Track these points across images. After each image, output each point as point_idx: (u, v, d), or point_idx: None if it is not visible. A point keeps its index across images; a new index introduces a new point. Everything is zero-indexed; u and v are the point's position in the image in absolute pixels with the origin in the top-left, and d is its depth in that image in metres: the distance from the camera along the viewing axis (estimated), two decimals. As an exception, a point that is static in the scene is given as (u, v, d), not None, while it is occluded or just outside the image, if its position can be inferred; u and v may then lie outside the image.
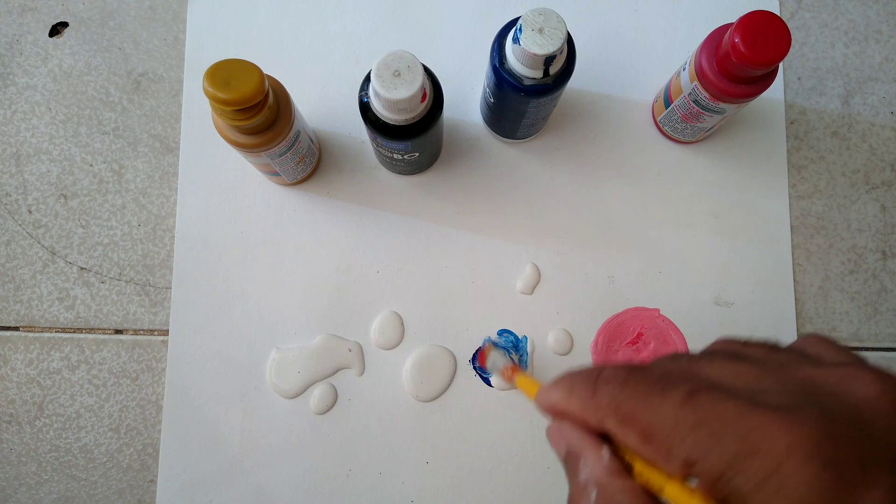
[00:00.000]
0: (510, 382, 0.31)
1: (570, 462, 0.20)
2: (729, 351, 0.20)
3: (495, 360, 0.38)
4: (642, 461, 0.18)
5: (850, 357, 0.19)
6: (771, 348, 0.20)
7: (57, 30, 0.47)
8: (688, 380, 0.18)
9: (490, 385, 0.44)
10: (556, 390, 0.21)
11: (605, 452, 0.19)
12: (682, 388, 0.18)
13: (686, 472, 0.17)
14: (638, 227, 0.45)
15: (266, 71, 0.34)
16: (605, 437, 0.20)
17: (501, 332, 0.44)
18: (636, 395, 0.18)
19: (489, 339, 0.44)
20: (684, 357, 0.20)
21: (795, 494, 0.15)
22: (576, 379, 0.20)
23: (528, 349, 0.44)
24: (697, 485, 0.17)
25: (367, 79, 0.36)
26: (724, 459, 0.16)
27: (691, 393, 0.17)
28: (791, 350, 0.20)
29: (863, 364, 0.18)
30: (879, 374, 0.17)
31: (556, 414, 0.21)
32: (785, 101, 0.47)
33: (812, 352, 0.20)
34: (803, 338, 0.21)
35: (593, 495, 0.19)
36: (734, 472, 0.16)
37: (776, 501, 0.15)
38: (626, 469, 0.19)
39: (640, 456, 0.18)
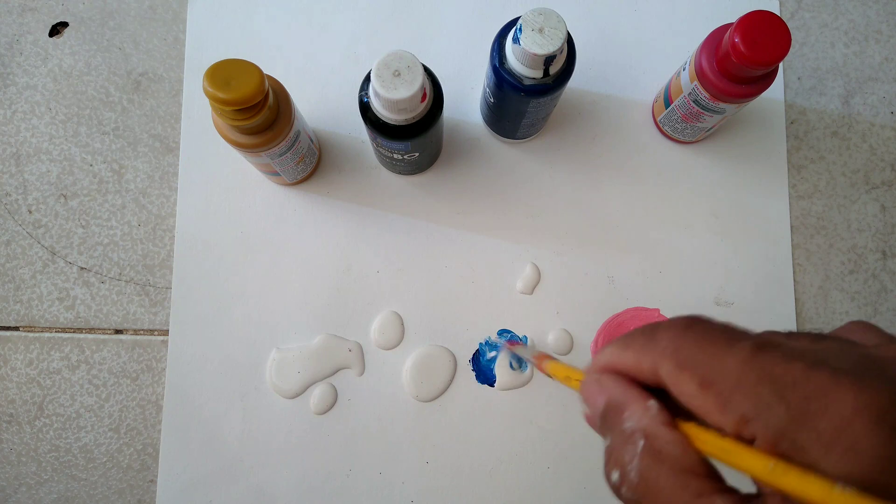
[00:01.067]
0: (541, 370, 0.31)
1: (611, 414, 0.20)
2: (771, 341, 0.20)
3: (522, 353, 0.39)
4: (694, 415, 0.18)
5: (892, 340, 0.19)
6: (815, 336, 0.20)
7: (57, 30, 0.47)
8: (753, 336, 0.18)
9: (491, 385, 0.44)
10: (613, 346, 0.20)
11: (652, 403, 0.19)
12: (748, 341, 0.17)
13: (740, 429, 0.16)
14: (638, 227, 0.45)
15: (266, 71, 0.34)
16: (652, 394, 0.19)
17: (501, 333, 0.44)
18: (700, 342, 0.18)
19: (484, 349, 0.44)
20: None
21: (866, 456, 0.15)
22: (634, 332, 0.20)
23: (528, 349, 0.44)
24: (756, 444, 0.16)
25: (367, 79, 0.36)
26: (789, 417, 0.16)
27: (758, 347, 0.17)
28: (837, 336, 0.20)
29: None
30: None
31: (608, 369, 0.20)
32: (785, 101, 0.47)
33: (858, 337, 0.20)
34: (846, 325, 0.21)
35: (640, 444, 0.18)
36: (798, 430, 0.15)
37: (846, 461, 0.15)
38: (674, 422, 0.18)
39: (693, 406, 0.17)
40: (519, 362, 0.44)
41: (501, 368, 0.43)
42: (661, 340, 0.19)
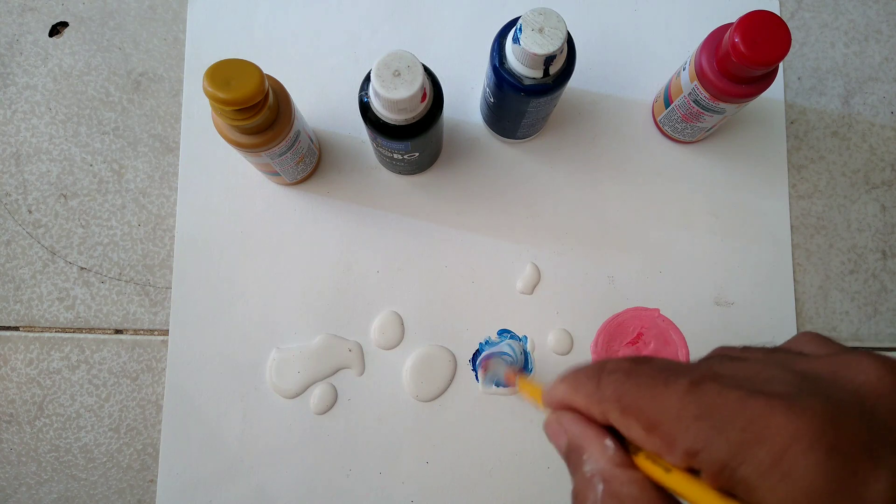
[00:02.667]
0: (513, 387, 0.31)
1: (573, 455, 0.20)
2: (727, 355, 0.20)
3: (495, 369, 0.38)
4: (646, 453, 0.18)
5: (845, 348, 0.19)
6: (768, 350, 0.20)
7: (57, 30, 0.47)
8: (691, 371, 0.18)
9: (496, 386, 0.44)
10: (562, 386, 0.21)
11: (609, 443, 0.19)
12: (685, 377, 0.18)
13: (689, 463, 0.17)
14: (638, 227, 0.45)
15: (266, 71, 0.34)
16: (608, 431, 0.20)
17: (501, 332, 0.44)
18: (640, 386, 0.18)
19: (484, 350, 0.44)
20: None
21: (802, 481, 0.15)
22: (580, 373, 0.20)
23: (528, 349, 0.44)
24: (702, 476, 0.17)
25: (367, 79, 0.36)
26: (728, 449, 0.16)
27: (694, 383, 0.17)
28: (787, 349, 0.20)
29: (859, 352, 0.18)
30: (877, 358, 0.17)
31: (562, 409, 0.21)
32: (785, 101, 0.47)
33: (808, 349, 0.20)
34: (797, 336, 0.21)
35: (600, 488, 0.18)
36: (739, 461, 0.16)
37: (782, 488, 0.15)
38: (630, 462, 0.19)
39: (644, 447, 0.18)
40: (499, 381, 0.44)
41: (487, 384, 0.43)
42: (606, 388, 0.19)
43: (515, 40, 0.34)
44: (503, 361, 0.43)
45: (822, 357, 0.18)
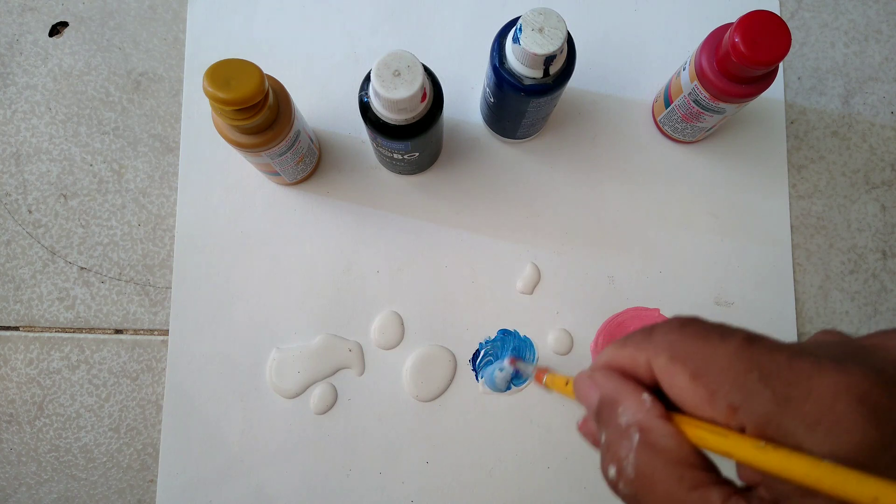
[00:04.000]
0: (541, 385, 0.31)
1: (605, 410, 0.20)
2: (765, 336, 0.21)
3: (524, 368, 0.40)
4: (686, 410, 0.18)
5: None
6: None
7: (57, 30, 0.47)
8: (740, 329, 0.18)
9: (493, 388, 0.44)
10: (612, 345, 0.21)
11: (646, 396, 0.19)
12: (739, 334, 0.18)
13: (729, 418, 0.17)
14: (638, 227, 0.45)
15: (266, 71, 0.34)
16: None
17: (503, 332, 0.44)
18: (693, 337, 0.18)
19: (483, 349, 0.44)
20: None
21: (850, 434, 0.15)
22: (634, 332, 0.21)
23: (532, 358, 0.44)
24: (746, 432, 0.17)
25: (367, 79, 0.36)
26: (774, 401, 0.16)
27: (748, 339, 0.18)
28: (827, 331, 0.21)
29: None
30: None
31: (607, 367, 0.21)
32: (785, 100, 0.47)
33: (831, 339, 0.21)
34: (815, 335, 0.21)
35: (636, 438, 0.18)
36: (784, 414, 0.16)
37: (830, 440, 0.15)
38: (669, 416, 0.19)
39: (685, 398, 0.18)
40: (518, 378, 0.44)
41: (500, 380, 0.43)
42: (656, 336, 0.19)
43: (515, 40, 0.34)
44: (528, 361, 0.44)
45: (864, 336, 0.19)
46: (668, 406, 0.19)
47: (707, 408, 0.17)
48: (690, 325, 0.19)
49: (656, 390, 0.19)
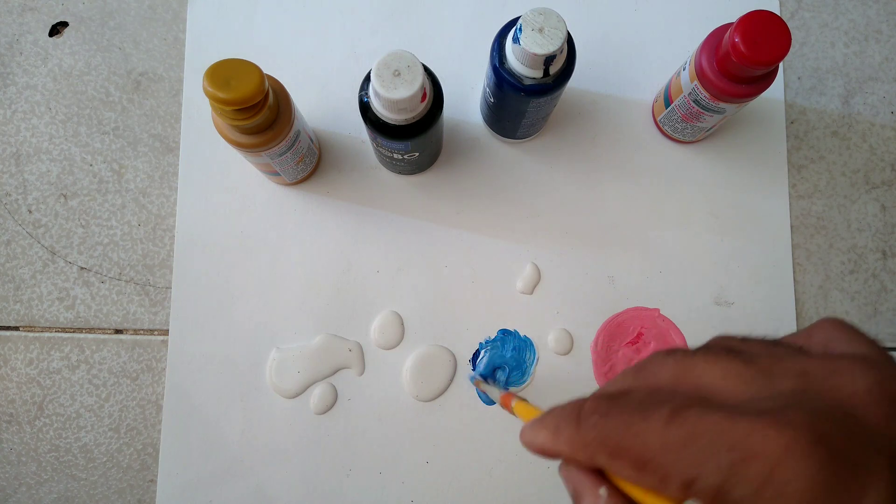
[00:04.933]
0: (508, 410, 0.31)
1: (575, 501, 0.20)
2: (725, 346, 0.20)
3: (490, 391, 0.38)
4: (643, 491, 0.18)
5: (857, 345, 0.19)
6: (768, 343, 0.20)
7: (57, 30, 0.47)
8: (669, 399, 0.18)
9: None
10: (543, 432, 0.20)
11: (602, 492, 0.18)
12: (664, 407, 0.17)
13: (686, 494, 0.16)
14: (638, 227, 0.45)
15: (266, 71, 0.34)
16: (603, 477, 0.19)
17: (503, 332, 0.44)
18: (620, 425, 0.18)
19: (474, 376, 0.44)
20: (679, 352, 0.20)
21: (797, 494, 0.15)
22: (559, 417, 0.20)
23: (534, 350, 0.44)
24: None
25: (367, 78, 0.36)
26: (720, 472, 0.15)
27: (674, 411, 0.17)
28: (788, 343, 0.20)
29: (854, 358, 0.18)
30: (871, 366, 0.17)
31: (547, 455, 0.21)
32: (785, 100, 0.47)
33: (821, 338, 0.19)
34: (818, 322, 0.20)
35: None
36: (732, 483, 0.15)
37: None
38: (629, 502, 0.18)
39: (639, 486, 0.18)
40: (487, 399, 0.43)
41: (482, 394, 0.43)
42: (587, 432, 0.19)
43: (515, 40, 0.34)
44: (497, 384, 0.43)
45: (817, 358, 0.18)
46: None
47: (664, 491, 0.17)
48: (613, 410, 0.18)
49: None
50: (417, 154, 0.40)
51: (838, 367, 0.17)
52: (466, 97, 0.46)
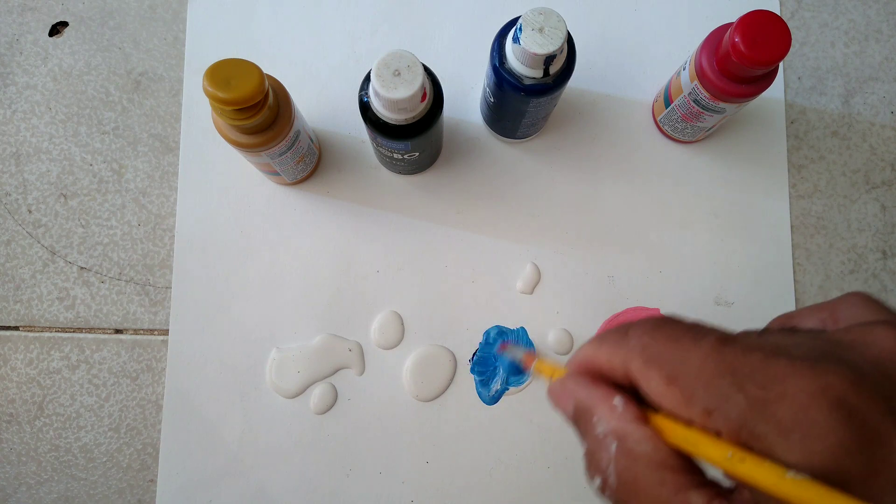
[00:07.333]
0: (529, 370, 0.31)
1: (582, 419, 0.20)
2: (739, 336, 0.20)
3: (514, 352, 0.40)
4: (662, 415, 0.18)
5: (884, 315, 0.19)
6: (788, 332, 0.20)
7: (57, 29, 0.47)
8: (719, 331, 0.18)
9: (489, 392, 0.44)
10: (588, 343, 0.21)
11: (617, 401, 0.19)
12: (712, 336, 0.18)
13: (705, 421, 0.17)
14: (638, 227, 0.45)
15: (266, 71, 0.34)
16: (618, 389, 0.19)
17: (497, 331, 0.44)
18: (667, 338, 0.18)
19: (492, 336, 0.44)
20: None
21: (824, 439, 0.15)
22: (609, 331, 0.20)
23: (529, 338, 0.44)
24: (722, 435, 0.17)
25: (367, 78, 0.36)
26: (747, 405, 0.16)
27: (721, 341, 0.17)
28: (808, 330, 0.20)
29: (881, 322, 0.18)
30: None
31: (583, 369, 0.21)
32: (785, 100, 0.47)
33: (846, 313, 0.20)
34: (845, 295, 0.21)
35: (613, 447, 0.18)
36: (757, 419, 0.16)
37: (804, 446, 0.15)
38: (644, 417, 0.18)
39: (661, 402, 0.18)
40: (515, 374, 0.43)
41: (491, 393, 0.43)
42: (631, 338, 0.19)
43: (515, 40, 0.34)
44: (520, 345, 0.43)
45: (843, 330, 0.18)
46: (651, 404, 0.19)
47: (684, 411, 0.17)
48: (664, 327, 0.19)
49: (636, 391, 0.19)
50: (417, 154, 0.40)
51: (868, 330, 0.18)
52: (466, 97, 0.46)
